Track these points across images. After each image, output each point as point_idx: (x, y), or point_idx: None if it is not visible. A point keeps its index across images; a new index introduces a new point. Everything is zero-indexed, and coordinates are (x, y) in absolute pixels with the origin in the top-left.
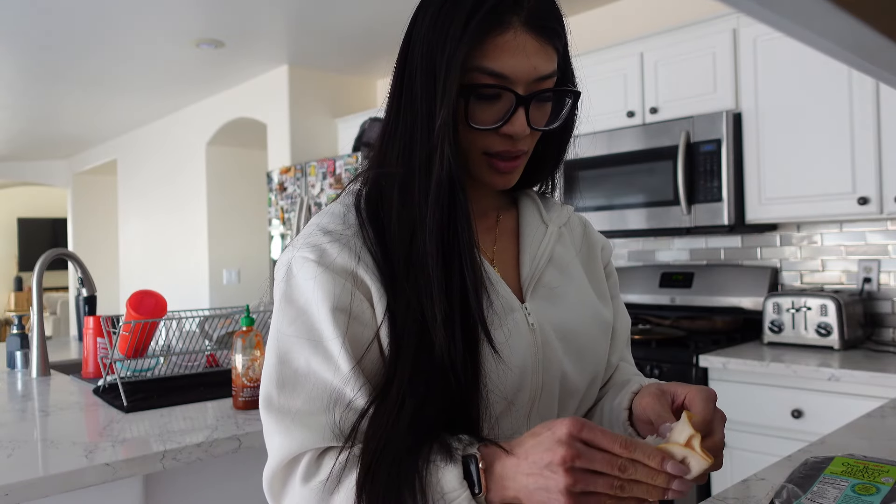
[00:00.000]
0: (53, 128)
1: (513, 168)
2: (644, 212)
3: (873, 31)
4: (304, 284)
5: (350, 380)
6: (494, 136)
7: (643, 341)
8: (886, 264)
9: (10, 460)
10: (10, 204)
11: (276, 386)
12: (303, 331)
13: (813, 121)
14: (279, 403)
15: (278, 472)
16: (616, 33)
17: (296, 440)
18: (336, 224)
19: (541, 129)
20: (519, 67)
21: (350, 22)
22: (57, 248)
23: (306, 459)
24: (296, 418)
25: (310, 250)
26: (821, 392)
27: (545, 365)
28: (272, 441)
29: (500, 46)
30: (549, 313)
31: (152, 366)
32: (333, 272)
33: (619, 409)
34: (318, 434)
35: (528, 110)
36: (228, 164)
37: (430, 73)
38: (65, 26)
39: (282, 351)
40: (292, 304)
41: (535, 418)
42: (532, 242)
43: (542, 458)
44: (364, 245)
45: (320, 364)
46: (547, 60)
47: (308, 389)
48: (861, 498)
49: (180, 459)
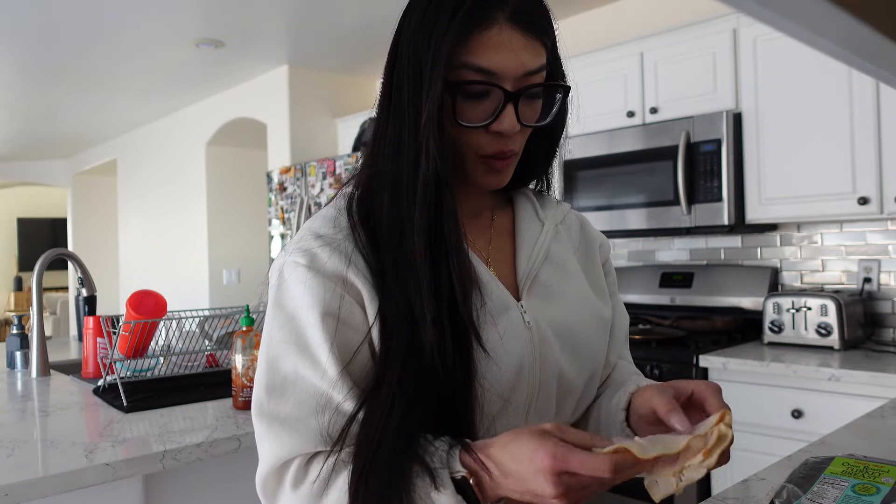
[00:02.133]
0: (53, 128)
1: (505, 167)
2: (644, 212)
3: (873, 31)
4: (294, 289)
5: (337, 384)
6: (485, 135)
7: (643, 341)
8: (886, 264)
9: (10, 460)
10: (10, 204)
11: (266, 391)
12: (291, 336)
13: (813, 121)
14: (268, 409)
15: (270, 476)
16: (616, 33)
17: (284, 446)
18: (328, 228)
19: (531, 126)
20: (505, 63)
21: (350, 22)
22: (57, 248)
23: (295, 465)
24: (285, 424)
25: (301, 255)
26: (821, 392)
27: (542, 363)
28: (262, 446)
29: (485, 42)
30: (545, 311)
31: (152, 366)
32: (324, 277)
33: (617, 410)
34: (307, 439)
35: (517, 106)
36: (228, 164)
37: (417, 73)
38: (65, 26)
39: (271, 356)
40: (282, 310)
41: (533, 417)
42: (528, 240)
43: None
44: (356, 248)
45: (307, 369)
46: (534, 55)
47: (296, 394)
48: (861, 498)
49: (180, 459)
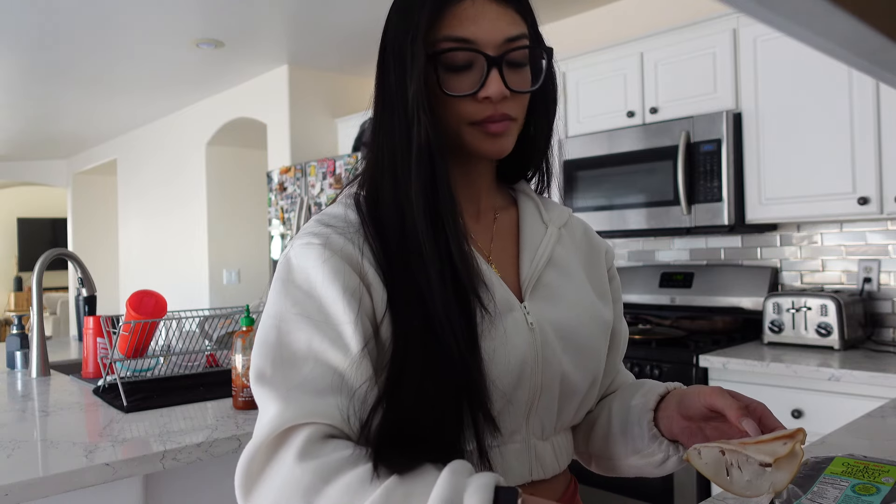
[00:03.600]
0: (53, 127)
1: (502, 130)
2: (644, 212)
3: (873, 31)
4: (310, 266)
5: (357, 365)
6: (474, 104)
7: (643, 341)
8: (886, 264)
9: (10, 460)
10: (10, 204)
11: (272, 364)
12: (310, 310)
13: (813, 121)
14: (273, 376)
15: (262, 447)
16: (616, 33)
17: (295, 408)
18: (337, 221)
19: (520, 92)
20: (483, 31)
21: (350, 22)
22: (57, 248)
23: (306, 434)
24: (298, 388)
25: (314, 237)
26: (821, 392)
27: (544, 364)
28: (266, 411)
29: (459, 16)
30: (548, 313)
31: (152, 366)
32: (340, 257)
33: (645, 410)
34: (325, 410)
35: (501, 71)
36: (228, 164)
37: (400, 57)
38: (65, 26)
39: (282, 330)
40: (297, 286)
41: (535, 418)
42: (532, 242)
43: None
44: (366, 241)
45: (325, 344)
46: (511, 23)
47: (307, 370)
48: (861, 498)
49: (180, 459)
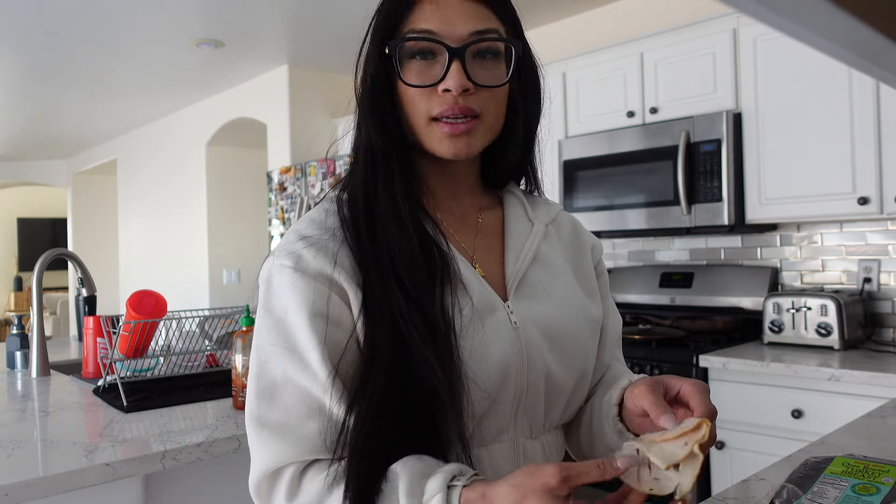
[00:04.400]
0: (53, 127)
1: (461, 132)
2: (644, 212)
3: (873, 31)
4: (281, 292)
5: (328, 388)
6: (436, 97)
7: (643, 341)
8: (886, 264)
9: (9, 460)
10: (10, 204)
11: (256, 396)
12: (280, 340)
13: (813, 121)
14: (258, 414)
15: (263, 482)
16: (616, 33)
17: (273, 454)
18: (314, 229)
19: (486, 86)
20: (447, 23)
21: (349, 22)
22: (57, 248)
23: (289, 474)
24: (275, 430)
25: (287, 257)
26: (821, 392)
27: (529, 363)
28: (253, 453)
29: (423, 9)
30: (533, 311)
31: (152, 366)
32: (310, 277)
33: (609, 406)
34: (298, 447)
35: (464, 63)
36: (228, 164)
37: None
38: (65, 26)
39: (261, 360)
40: (271, 313)
41: (522, 417)
42: (517, 240)
43: None
44: (343, 246)
45: (297, 373)
46: (481, 19)
47: (286, 399)
48: (861, 498)
49: (180, 459)
